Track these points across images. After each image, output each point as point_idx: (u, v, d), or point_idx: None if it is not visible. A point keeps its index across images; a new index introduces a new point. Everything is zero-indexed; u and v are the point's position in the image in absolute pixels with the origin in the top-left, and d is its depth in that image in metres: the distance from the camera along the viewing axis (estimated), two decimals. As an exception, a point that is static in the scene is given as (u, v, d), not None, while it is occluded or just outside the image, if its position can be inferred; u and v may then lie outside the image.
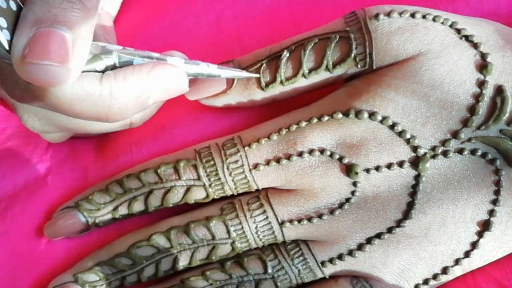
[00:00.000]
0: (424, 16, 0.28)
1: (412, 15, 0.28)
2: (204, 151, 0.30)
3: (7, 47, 0.22)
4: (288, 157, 0.28)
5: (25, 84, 0.24)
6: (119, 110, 0.25)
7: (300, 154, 0.28)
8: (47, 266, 0.32)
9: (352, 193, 0.28)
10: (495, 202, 0.27)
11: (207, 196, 0.30)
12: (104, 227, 0.31)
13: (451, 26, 0.28)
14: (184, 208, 0.30)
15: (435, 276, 0.28)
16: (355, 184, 0.28)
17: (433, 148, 0.27)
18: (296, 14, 0.33)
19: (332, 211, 0.28)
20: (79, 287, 0.30)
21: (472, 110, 0.27)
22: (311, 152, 0.28)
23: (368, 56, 0.28)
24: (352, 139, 0.28)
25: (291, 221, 0.29)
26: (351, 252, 0.28)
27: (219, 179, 0.29)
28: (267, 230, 0.29)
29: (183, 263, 0.30)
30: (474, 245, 0.28)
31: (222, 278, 0.29)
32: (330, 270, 0.29)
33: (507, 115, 0.27)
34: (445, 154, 0.27)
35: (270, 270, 0.29)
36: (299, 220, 0.29)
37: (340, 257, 0.29)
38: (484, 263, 0.28)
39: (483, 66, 0.27)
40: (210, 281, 0.29)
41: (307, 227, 0.29)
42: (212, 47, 0.34)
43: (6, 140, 0.35)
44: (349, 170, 0.28)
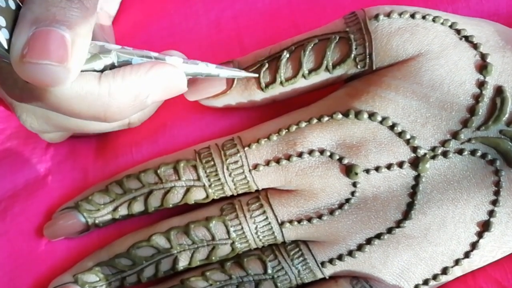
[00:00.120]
0: (424, 17, 0.28)
1: (412, 16, 0.28)
2: (204, 151, 0.30)
3: (6, 46, 0.22)
4: (288, 157, 0.28)
5: (23, 84, 0.24)
6: (117, 109, 0.25)
7: (300, 155, 0.28)
8: (47, 267, 0.32)
9: (352, 193, 0.28)
10: (495, 202, 0.27)
11: (207, 196, 0.30)
12: (104, 228, 0.31)
13: (451, 27, 0.28)
14: (184, 209, 0.30)
15: (435, 277, 0.28)
16: (354, 184, 0.28)
17: (433, 149, 0.27)
18: (296, 14, 0.33)
19: (332, 212, 0.28)
20: (79, 288, 0.30)
21: (472, 110, 0.27)
22: (311, 152, 0.28)
23: (368, 56, 0.28)
24: (352, 140, 0.28)
25: (291, 221, 0.29)
26: (351, 253, 0.28)
27: (219, 179, 0.29)
28: (267, 230, 0.29)
29: (183, 263, 0.30)
30: (474, 245, 0.28)
31: (222, 279, 0.29)
32: (330, 270, 0.29)
33: (507, 115, 0.27)
34: (445, 154, 0.27)
35: (270, 271, 0.29)
36: (299, 221, 0.29)
37: (340, 257, 0.29)
38: (484, 264, 0.28)
39: (483, 67, 0.27)
40: (210, 281, 0.29)
41: (307, 228, 0.29)
42: (212, 47, 0.34)
43: (5, 140, 0.35)
44: (349, 170, 0.28)
